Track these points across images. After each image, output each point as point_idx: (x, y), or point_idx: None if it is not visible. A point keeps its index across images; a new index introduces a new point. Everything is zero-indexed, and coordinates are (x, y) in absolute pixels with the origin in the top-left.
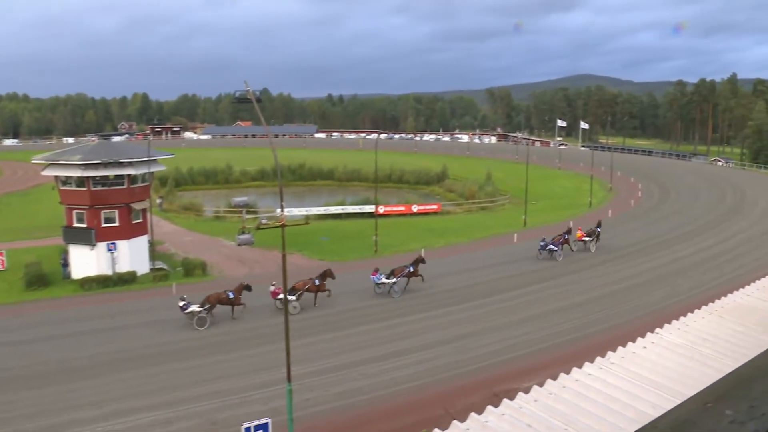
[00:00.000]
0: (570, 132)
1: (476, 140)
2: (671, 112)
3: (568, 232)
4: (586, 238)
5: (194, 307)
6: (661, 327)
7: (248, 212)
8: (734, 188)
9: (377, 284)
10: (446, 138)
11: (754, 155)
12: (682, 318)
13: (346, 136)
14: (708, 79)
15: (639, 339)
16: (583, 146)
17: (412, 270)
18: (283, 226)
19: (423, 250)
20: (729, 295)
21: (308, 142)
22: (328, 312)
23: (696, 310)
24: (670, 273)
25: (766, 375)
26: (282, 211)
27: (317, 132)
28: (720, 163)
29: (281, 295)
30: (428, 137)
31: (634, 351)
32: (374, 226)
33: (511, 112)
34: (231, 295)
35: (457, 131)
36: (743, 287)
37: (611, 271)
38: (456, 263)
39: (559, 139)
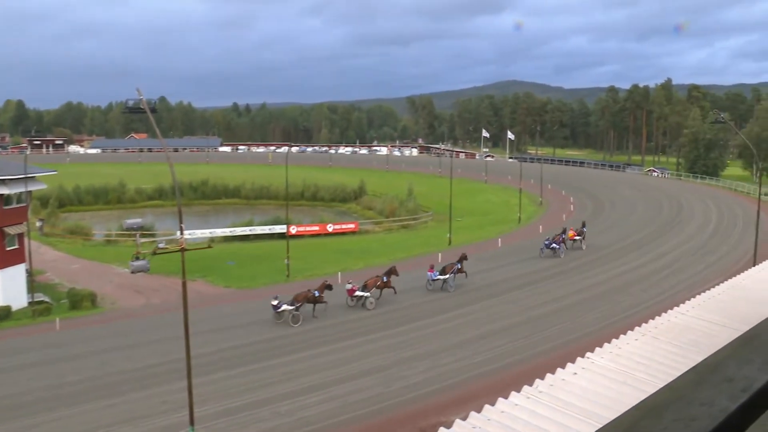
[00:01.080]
0: (497, 143)
1: (396, 153)
2: (603, 120)
3: (564, 232)
4: (577, 237)
5: (286, 306)
6: (592, 351)
7: (144, 235)
8: (671, 200)
9: (431, 281)
10: (364, 151)
11: (690, 165)
12: (614, 340)
13: (254, 149)
14: (641, 85)
15: (569, 365)
16: (510, 158)
17: (459, 267)
18: (182, 250)
19: (464, 254)
20: (663, 314)
21: (212, 157)
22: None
23: (629, 332)
24: (608, 291)
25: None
26: (182, 233)
27: (222, 145)
28: (655, 174)
29: (357, 293)
30: (344, 150)
31: (564, 378)
32: (286, 247)
33: (433, 121)
34: (316, 294)
35: (375, 143)
36: (678, 305)
37: (542, 291)
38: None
39: (485, 150)
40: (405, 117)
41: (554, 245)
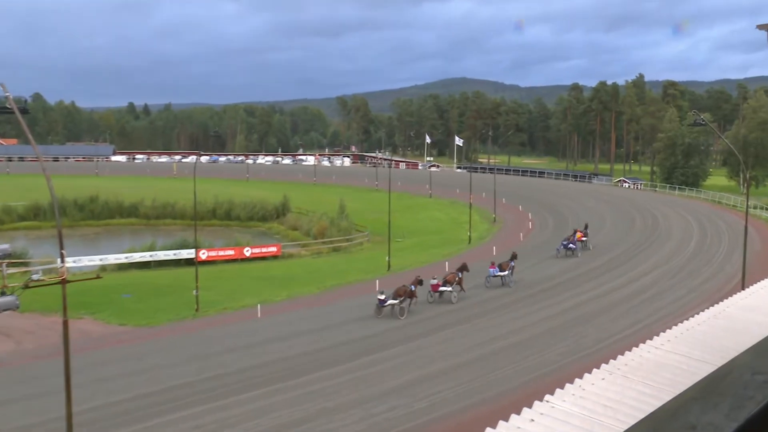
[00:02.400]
0: (443, 150)
1: (326, 163)
2: (566, 123)
3: (574, 233)
4: (584, 239)
5: (392, 301)
6: (552, 393)
7: (12, 264)
8: (645, 215)
9: (491, 276)
10: (287, 161)
11: (667, 174)
12: (577, 380)
13: (156, 159)
14: (610, 83)
15: (525, 410)
16: (459, 168)
17: (513, 265)
18: (64, 282)
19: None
20: (635, 348)
21: (103, 168)
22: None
23: (595, 370)
24: (572, 322)
25: None
26: (63, 261)
27: (115, 154)
28: (626, 185)
29: (442, 288)
30: (264, 160)
31: (520, 426)
32: (195, 276)
33: (369, 126)
34: (412, 288)
35: (301, 152)
36: (653, 338)
37: (497, 323)
38: (300, 321)
39: (429, 159)
40: (335, 121)
41: (572, 245)
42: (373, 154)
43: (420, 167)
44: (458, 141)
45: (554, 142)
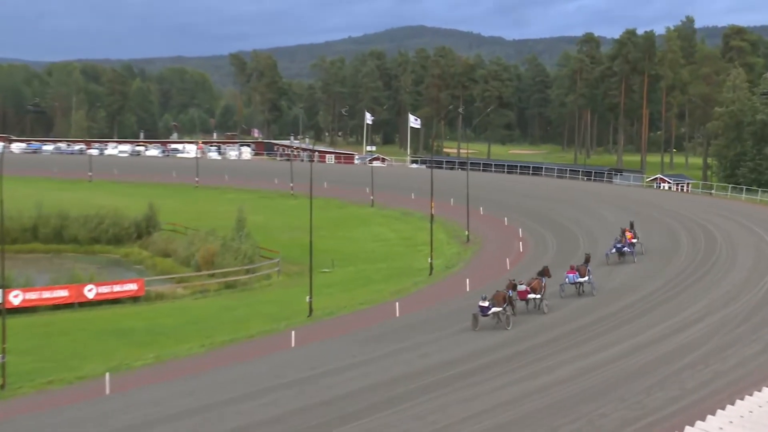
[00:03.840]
0: (391, 135)
1: (214, 154)
2: (574, 94)
3: (623, 234)
4: (635, 240)
5: (496, 308)
6: None
7: None
8: (693, 231)
9: (571, 283)
10: (154, 151)
11: (728, 169)
12: None
13: None
14: (641, 32)
15: None
16: (415, 162)
17: (590, 269)
18: None
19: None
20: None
21: None
22: None
23: None
24: (586, 393)
25: None
26: None
27: None
28: (666, 186)
29: (531, 295)
30: (117, 150)
31: None
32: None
33: (280, 98)
34: (510, 294)
35: (175, 137)
36: (705, 418)
37: (480, 391)
38: (175, 400)
39: (370, 149)
40: (228, 90)
41: (626, 248)
42: (286, 142)
43: (357, 161)
44: (413, 122)
45: (557, 124)
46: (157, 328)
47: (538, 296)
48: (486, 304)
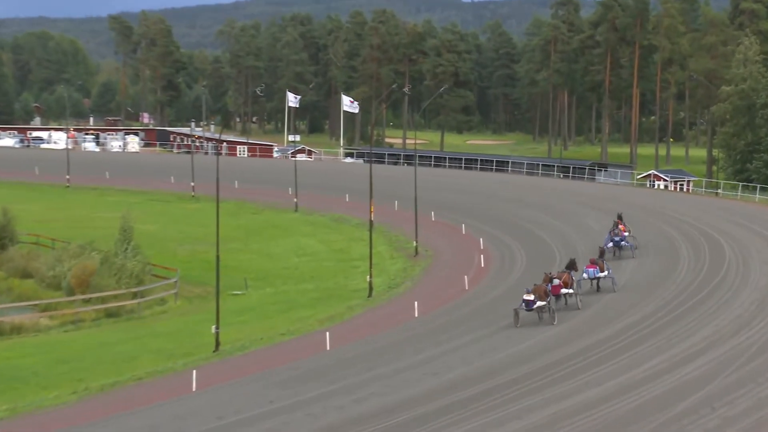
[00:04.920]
0: (319, 122)
1: (89, 145)
2: (547, 70)
3: (616, 226)
4: (626, 234)
5: (540, 303)
6: None
7: None
8: (695, 240)
9: (591, 279)
10: (10, 140)
11: (738, 163)
12: None
13: None
14: None
15: None
16: (350, 155)
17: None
18: None
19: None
20: None
21: None
22: None
23: None
24: None
25: None
26: None
27: None
28: (662, 184)
29: (564, 290)
30: None
31: None
32: None
33: (176, 74)
34: (549, 287)
35: (37, 123)
36: None
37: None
38: None
39: (294, 140)
40: (108, 62)
41: (624, 242)
42: (185, 130)
43: (277, 154)
44: (347, 105)
45: (526, 107)
46: (14, 370)
47: (571, 291)
48: (531, 297)
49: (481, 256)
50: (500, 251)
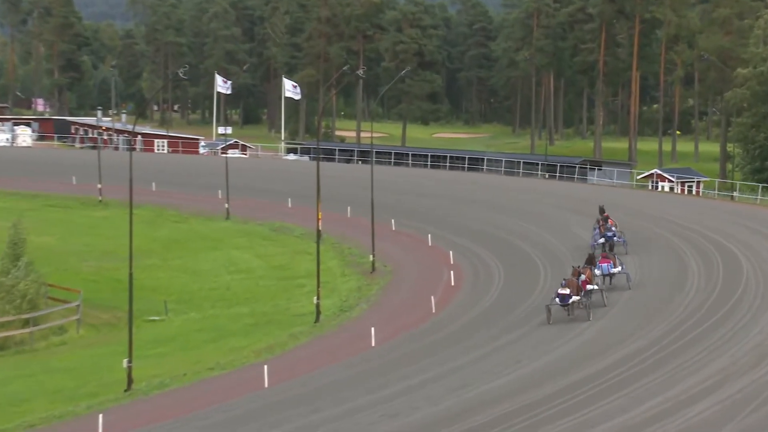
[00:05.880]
0: (255, 112)
1: None
2: (530, 48)
3: (606, 220)
4: (614, 229)
5: (575, 297)
6: None
7: None
8: (706, 252)
9: (605, 275)
10: None
11: (757, 160)
12: None
13: None
14: None
15: None
16: (293, 151)
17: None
18: None
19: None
20: None
21: None
22: None
23: None
24: None
25: None
26: None
27: None
28: (666, 186)
29: (589, 286)
30: None
31: None
32: None
33: (78, 51)
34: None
35: None
36: None
37: None
38: None
39: (224, 132)
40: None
41: (616, 238)
42: (89, 120)
43: (203, 150)
44: (290, 90)
45: (504, 94)
46: None
47: (596, 287)
48: (567, 291)
49: (451, 272)
50: (474, 266)
